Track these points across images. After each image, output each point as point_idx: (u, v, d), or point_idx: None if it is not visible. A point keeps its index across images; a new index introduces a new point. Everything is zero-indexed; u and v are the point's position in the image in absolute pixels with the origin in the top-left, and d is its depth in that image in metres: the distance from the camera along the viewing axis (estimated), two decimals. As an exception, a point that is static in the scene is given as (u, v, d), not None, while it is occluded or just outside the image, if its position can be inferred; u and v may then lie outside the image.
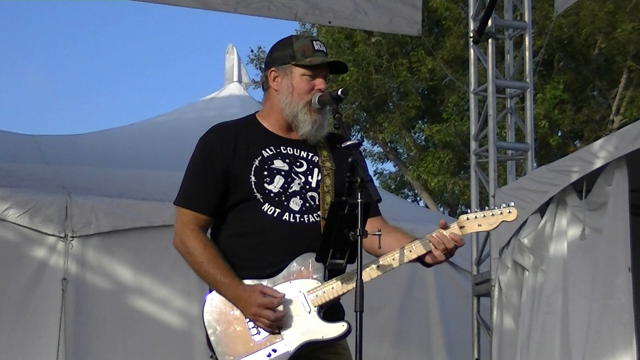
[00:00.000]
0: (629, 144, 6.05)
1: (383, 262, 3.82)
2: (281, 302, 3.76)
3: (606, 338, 6.11)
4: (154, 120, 10.20)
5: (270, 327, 3.77)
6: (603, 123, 21.37)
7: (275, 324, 3.76)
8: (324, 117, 3.96)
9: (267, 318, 3.75)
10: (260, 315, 3.75)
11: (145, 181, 8.11)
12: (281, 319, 3.76)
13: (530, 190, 6.85)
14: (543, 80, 20.44)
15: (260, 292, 3.77)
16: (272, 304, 3.75)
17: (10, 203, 7.17)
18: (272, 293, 3.77)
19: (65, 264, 7.22)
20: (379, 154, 24.10)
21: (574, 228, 6.49)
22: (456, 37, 20.00)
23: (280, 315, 3.76)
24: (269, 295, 3.76)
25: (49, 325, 7.13)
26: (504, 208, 3.90)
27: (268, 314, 3.75)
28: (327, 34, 21.61)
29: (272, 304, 3.75)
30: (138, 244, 7.48)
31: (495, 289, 7.31)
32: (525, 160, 8.28)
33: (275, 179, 3.91)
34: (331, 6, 8.50)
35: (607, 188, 6.23)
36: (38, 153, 8.44)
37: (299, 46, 3.98)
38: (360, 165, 3.67)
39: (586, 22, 20.29)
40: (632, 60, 20.63)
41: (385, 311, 8.03)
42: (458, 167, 21.25)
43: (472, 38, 8.41)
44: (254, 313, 3.76)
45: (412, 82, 21.39)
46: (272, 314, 3.74)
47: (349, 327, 3.78)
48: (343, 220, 3.64)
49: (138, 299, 7.41)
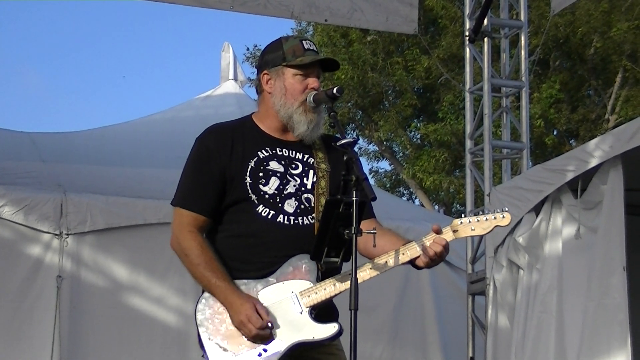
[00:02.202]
0: (625, 143, 6.05)
1: (377, 264, 3.82)
2: (266, 325, 3.77)
3: (601, 337, 6.12)
4: (149, 118, 10.19)
5: (252, 339, 3.79)
6: (598, 122, 21.39)
7: (256, 339, 3.78)
8: (320, 116, 3.96)
9: (249, 331, 3.77)
10: (245, 326, 3.77)
11: (141, 179, 8.11)
12: (264, 336, 3.77)
13: (525, 189, 6.86)
14: (539, 80, 20.46)
15: (253, 305, 3.78)
16: (257, 323, 3.76)
17: (6, 200, 7.17)
18: (261, 312, 3.78)
19: (60, 261, 7.22)
20: (374, 153, 24.10)
21: (569, 227, 6.49)
22: (452, 36, 20.00)
23: (264, 335, 3.77)
24: (258, 312, 3.77)
25: (43, 323, 7.13)
26: (498, 213, 3.90)
27: (251, 328, 3.76)
28: (322, 33, 21.61)
29: (256, 323, 3.76)
30: (133, 241, 7.47)
31: (490, 287, 7.32)
32: (521, 159, 8.29)
33: (270, 180, 3.92)
34: (328, 4, 8.50)
35: (603, 187, 6.23)
36: (34, 150, 8.44)
37: (289, 47, 3.98)
38: (355, 163, 3.67)
39: (582, 21, 20.30)
40: (627, 59, 20.65)
41: (380, 310, 8.04)
42: (453, 165, 21.25)
43: (468, 37, 8.42)
44: (239, 321, 3.78)
45: (407, 81, 21.40)
46: (255, 330, 3.76)
47: (340, 328, 3.79)
48: (338, 219, 3.65)
49: (133, 296, 7.41)
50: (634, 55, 20.61)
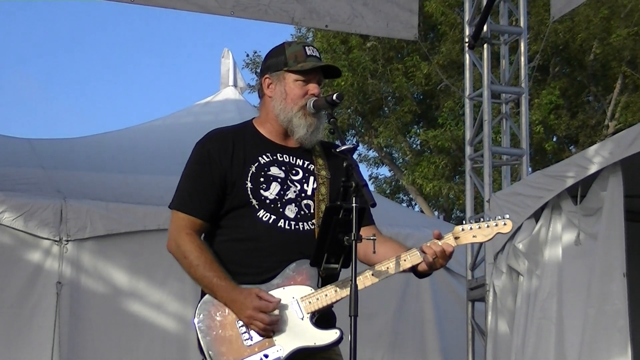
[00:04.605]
0: (624, 150, 6.05)
1: (377, 271, 3.82)
2: (277, 307, 3.76)
3: (601, 344, 6.11)
4: (149, 125, 10.19)
5: (264, 331, 3.77)
6: (598, 128, 21.39)
7: (269, 328, 3.76)
8: (319, 121, 3.96)
9: (261, 321, 3.75)
10: (255, 318, 3.75)
11: (141, 185, 8.11)
12: (276, 323, 3.76)
13: (525, 195, 6.85)
14: (538, 86, 20.46)
15: (256, 295, 3.76)
16: (268, 308, 3.75)
17: (5, 206, 7.17)
18: (267, 297, 3.77)
19: (59, 267, 7.22)
20: (374, 159, 24.10)
21: (569, 233, 6.49)
22: (452, 42, 20.01)
23: (275, 320, 3.76)
24: (264, 299, 3.76)
25: (43, 329, 7.12)
26: (499, 220, 3.89)
27: (263, 317, 3.74)
28: (322, 39, 21.63)
29: (267, 308, 3.75)
30: (133, 248, 7.47)
31: (490, 293, 7.31)
32: (521, 165, 8.29)
33: (271, 185, 3.92)
34: (328, 10, 8.51)
35: (602, 193, 6.23)
36: (34, 157, 8.44)
37: (291, 52, 3.98)
38: (355, 170, 3.67)
39: (581, 27, 20.32)
40: (627, 65, 20.66)
41: (380, 316, 8.04)
42: (453, 172, 21.25)
43: (467, 43, 8.42)
44: (249, 316, 3.76)
45: (407, 87, 21.41)
46: (267, 318, 3.74)
47: (342, 334, 3.79)
48: (338, 225, 3.65)
49: (133, 303, 7.40)
50: (633, 62, 20.62)
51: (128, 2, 8.02)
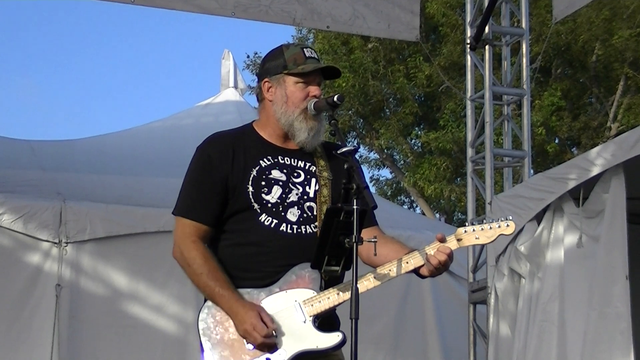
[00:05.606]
0: (626, 152, 6.03)
1: (379, 273, 3.80)
2: (271, 333, 3.75)
3: (603, 346, 6.09)
4: (149, 126, 10.18)
5: (259, 346, 3.77)
6: (600, 130, 21.38)
7: (265, 342, 3.75)
8: (320, 124, 3.95)
9: (254, 340, 3.75)
10: (251, 335, 3.75)
11: (141, 187, 8.10)
12: (268, 345, 3.75)
13: (527, 197, 6.83)
14: (540, 87, 20.45)
15: (257, 313, 3.76)
16: (262, 331, 3.74)
17: (5, 208, 7.15)
18: (267, 320, 3.76)
19: (59, 269, 7.20)
20: (375, 161, 24.10)
21: (571, 236, 6.47)
22: (453, 44, 20.01)
23: (269, 342, 3.75)
24: (263, 320, 3.75)
25: (42, 331, 7.11)
26: (502, 221, 3.87)
27: (256, 336, 3.74)
28: (323, 40, 21.63)
29: (262, 331, 3.74)
30: (133, 250, 7.46)
31: (491, 296, 7.29)
32: (522, 167, 8.27)
33: (273, 189, 3.90)
34: (329, 11, 8.50)
35: (605, 196, 6.21)
36: (33, 158, 8.43)
37: (290, 55, 3.96)
38: (356, 172, 3.65)
39: (583, 29, 20.31)
40: (629, 67, 20.65)
41: (381, 319, 8.02)
42: (455, 174, 21.24)
43: (469, 44, 8.40)
44: (244, 330, 3.76)
45: (408, 89, 21.41)
46: (260, 339, 3.74)
47: (344, 337, 3.77)
48: (338, 227, 3.63)
49: (133, 305, 7.38)
50: (635, 63, 20.61)
51: (128, 3, 8.00)
